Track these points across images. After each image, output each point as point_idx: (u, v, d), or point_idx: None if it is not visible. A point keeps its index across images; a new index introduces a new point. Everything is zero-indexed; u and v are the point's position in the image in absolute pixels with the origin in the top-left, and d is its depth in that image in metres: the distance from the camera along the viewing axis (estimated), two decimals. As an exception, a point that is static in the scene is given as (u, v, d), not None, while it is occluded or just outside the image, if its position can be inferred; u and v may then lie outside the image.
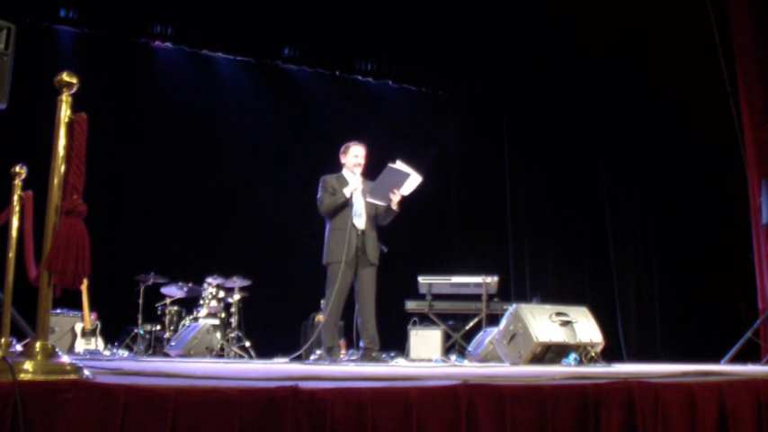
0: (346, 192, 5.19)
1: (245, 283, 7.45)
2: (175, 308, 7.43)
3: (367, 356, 5.04)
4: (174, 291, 7.42)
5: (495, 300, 7.34)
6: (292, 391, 1.84)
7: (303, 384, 1.90)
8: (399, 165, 5.12)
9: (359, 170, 5.30)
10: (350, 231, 5.08)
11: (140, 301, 7.20)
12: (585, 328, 5.10)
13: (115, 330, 7.28)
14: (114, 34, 8.14)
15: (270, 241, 8.59)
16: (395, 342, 6.87)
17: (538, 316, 5.01)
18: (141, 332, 7.13)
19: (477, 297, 7.25)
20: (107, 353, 6.61)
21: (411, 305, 7.41)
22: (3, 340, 2.68)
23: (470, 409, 2.04)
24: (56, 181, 1.95)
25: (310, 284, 7.75)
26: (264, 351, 6.78)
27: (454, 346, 7.14)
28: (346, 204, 5.18)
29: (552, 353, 4.92)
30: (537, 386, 2.23)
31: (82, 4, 7.87)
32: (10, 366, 1.73)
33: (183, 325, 7.14)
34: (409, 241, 8.75)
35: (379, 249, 5.34)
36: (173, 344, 6.84)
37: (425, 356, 6.44)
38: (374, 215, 5.30)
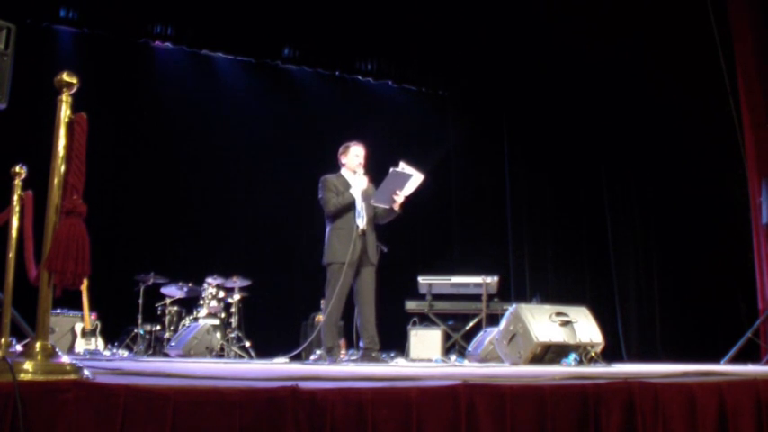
0: (353, 192, 5.19)
1: (245, 283, 7.46)
2: (175, 308, 7.43)
3: (367, 356, 5.03)
4: (174, 291, 7.42)
5: (495, 300, 7.33)
6: (292, 391, 1.84)
7: (303, 384, 1.90)
8: (403, 167, 5.10)
9: (361, 170, 5.29)
10: (353, 232, 5.09)
11: (140, 301, 7.20)
12: (585, 328, 5.10)
13: (115, 330, 7.28)
14: (114, 34, 8.14)
15: (270, 241, 8.58)
16: (395, 342, 6.87)
17: (538, 316, 5.01)
18: (141, 332, 7.13)
19: (477, 297, 7.25)
20: (107, 353, 6.61)
21: (411, 305, 7.41)
22: (3, 340, 2.68)
23: (470, 409, 2.04)
24: (56, 181, 1.95)
25: (310, 284, 7.73)
26: (264, 351, 6.78)
27: (454, 346, 7.14)
28: (352, 205, 5.18)
29: (552, 353, 4.92)
30: (537, 386, 2.23)
31: (82, 4, 7.87)
32: (10, 366, 1.73)
33: (183, 325, 7.14)
34: (409, 241, 8.75)
35: (379, 249, 5.34)
36: (173, 344, 6.84)
37: (425, 356, 6.43)
38: (373, 215, 5.30)
